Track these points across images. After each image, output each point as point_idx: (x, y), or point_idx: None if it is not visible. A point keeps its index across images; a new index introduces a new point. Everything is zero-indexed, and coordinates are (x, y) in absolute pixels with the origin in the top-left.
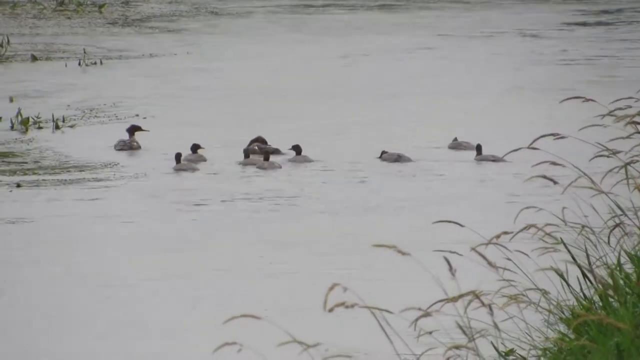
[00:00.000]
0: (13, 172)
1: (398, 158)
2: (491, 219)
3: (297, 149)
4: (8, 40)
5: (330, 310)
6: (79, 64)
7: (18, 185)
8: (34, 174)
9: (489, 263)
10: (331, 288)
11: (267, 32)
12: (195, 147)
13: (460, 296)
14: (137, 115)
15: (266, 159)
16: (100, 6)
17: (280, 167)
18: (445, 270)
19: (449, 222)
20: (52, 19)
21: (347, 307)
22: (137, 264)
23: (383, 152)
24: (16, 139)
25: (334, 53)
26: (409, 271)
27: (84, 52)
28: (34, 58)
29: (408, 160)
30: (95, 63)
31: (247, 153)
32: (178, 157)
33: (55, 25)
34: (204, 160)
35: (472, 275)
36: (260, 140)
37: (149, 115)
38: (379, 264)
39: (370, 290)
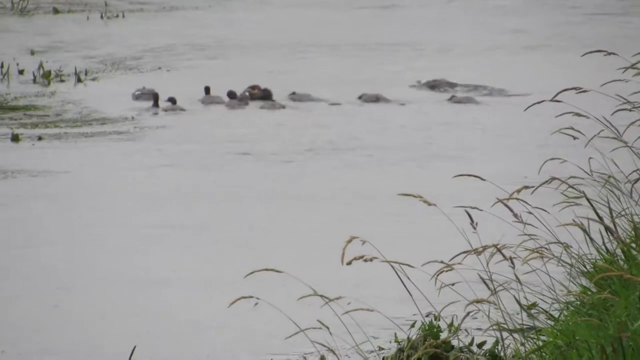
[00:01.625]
0: (35, 126)
1: (376, 99)
2: (512, 170)
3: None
4: None
5: (349, 263)
6: (101, 16)
7: (40, 139)
8: (56, 127)
9: (514, 214)
10: (349, 241)
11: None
12: (207, 89)
13: (484, 248)
14: (160, 68)
15: (268, 98)
16: None
17: (284, 107)
18: (464, 225)
19: (470, 175)
20: None
21: (365, 260)
22: (159, 214)
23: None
24: (38, 92)
25: (372, 3)
26: (428, 225)
27: (106, 5)
28: (56, 11)
29: (387, 101)
30: (117, 16)
31: (233, 95)
32: (156, 97)
33: None
34: (220, 102)
35: (493, 230)
36: (256, 87)
37: (172, 68)
38: (398, 217)
39: (389, 242)
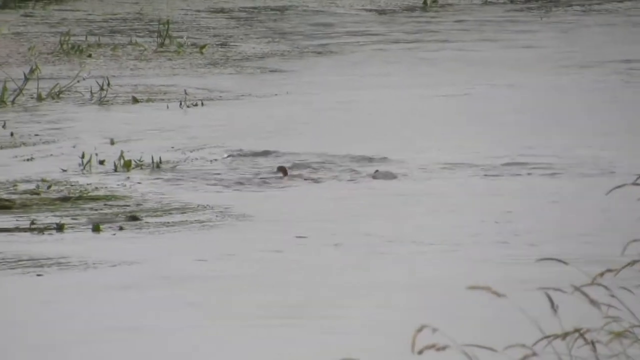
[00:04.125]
0: (115, 215)
1: (392, 176)
2: (593, 251)
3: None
4: (109, 82)
5: (420, 352)
6: (180, 105)
7: (121, 228)
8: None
9: (591, 301)
10: (419, 330)
11: (377, 69)
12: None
13: (566, 334)
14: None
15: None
16: (201, 47)
17: (396, 177)
18: (544, 310)
19: (553, 259)
20: (153, 60)
21: (437, 349)
22: (236, 305)
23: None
24: (118, 181)
25: (453, 89)
26: (505, 311)
27: (185, 93)
28: (135, 100)
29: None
30: (196, 104)
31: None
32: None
33: (156, 67)
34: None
35: (574, 314)
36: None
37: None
38: (472, 304)
39: (462, 331)
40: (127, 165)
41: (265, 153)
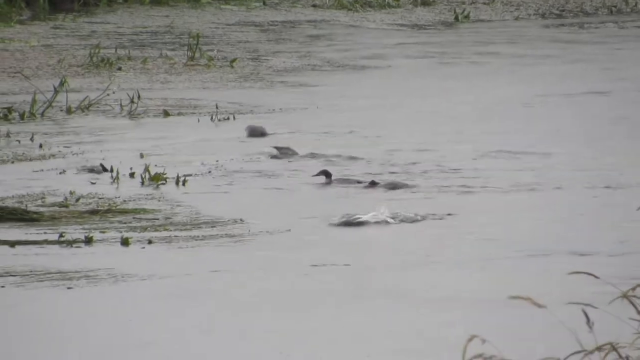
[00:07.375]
0: (144, 229)
1: (393, 186)
2: (625, 265)
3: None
4: (139, 96)
5: None
6: (212, 118)
7: (150, 242)
8: (165, 230)
9: (638, 311)
10: (470, 339)
11: (412, 84)
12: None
13: (598, 348)
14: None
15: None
16: (232, 61)
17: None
18: (578, 324)
19: (585, 273)
20: (183, 74)
21: (485, 359)
22: (267, 323)
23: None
24: (147, 195)
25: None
26: (539, 324)
27: (216, 107)
28: (166, 113)
29: (404, 185)
30: (227, 118)
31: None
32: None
33: (187, 80)
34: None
35: (607, 329)
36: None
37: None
38: (511, 316)
39: (504, 343)
40: (157, 179)
41: (312, 155)
